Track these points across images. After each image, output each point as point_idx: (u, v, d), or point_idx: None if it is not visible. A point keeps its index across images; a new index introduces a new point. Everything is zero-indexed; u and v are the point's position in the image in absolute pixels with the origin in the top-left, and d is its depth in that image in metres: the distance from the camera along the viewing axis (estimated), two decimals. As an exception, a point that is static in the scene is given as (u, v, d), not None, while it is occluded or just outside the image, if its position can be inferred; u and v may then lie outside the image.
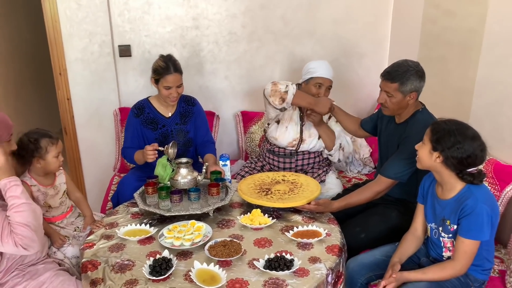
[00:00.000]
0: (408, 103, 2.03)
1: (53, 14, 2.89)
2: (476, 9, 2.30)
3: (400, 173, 2.02)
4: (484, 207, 1.60)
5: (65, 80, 3.02)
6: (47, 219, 2.00)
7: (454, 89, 2.54)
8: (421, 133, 1.86)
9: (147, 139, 2.49)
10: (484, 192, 1.66)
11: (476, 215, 1.60)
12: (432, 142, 1.66)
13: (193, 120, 2.57)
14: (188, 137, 2.56)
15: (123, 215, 2.07)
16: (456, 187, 1.68)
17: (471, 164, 1.62)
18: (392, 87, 2.00)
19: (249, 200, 2.06)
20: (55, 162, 1.97)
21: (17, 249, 1.56)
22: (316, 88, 2.51)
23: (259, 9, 3.10)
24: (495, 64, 2.21)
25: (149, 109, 2.50)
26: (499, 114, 2.19)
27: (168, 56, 2.43)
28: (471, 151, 1.60)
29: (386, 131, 2.22)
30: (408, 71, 1.98)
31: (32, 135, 1.93)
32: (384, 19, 3.26)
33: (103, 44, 2.99)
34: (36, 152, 1.91)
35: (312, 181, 2.23)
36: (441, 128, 1.65)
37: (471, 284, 1.72)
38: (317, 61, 2.59)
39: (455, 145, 1.60)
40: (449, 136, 1.62)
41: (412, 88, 1.98)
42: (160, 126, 2.50)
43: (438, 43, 2.68)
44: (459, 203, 1.65)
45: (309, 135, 2.62)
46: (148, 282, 1.55)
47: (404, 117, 2.10)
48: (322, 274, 1.59)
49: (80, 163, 3.22)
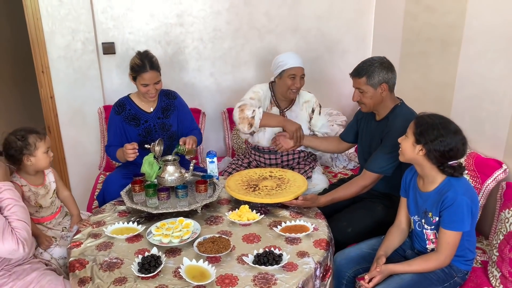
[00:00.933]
0: (382, 95, 2.08)
1: (34, 11, 2.84)
2: (456, 5, 2.35)
3: (385, 167, 2.06)
4: (464, 199, 1.64)
5: (48, 78, 2.98)
6: (35, 220, 1.98)
7: (436, 84, 2.59)
8: (402, 127, 1.91)
9: (130, 136, 2.48)
10: (463, 184, 1.70)
11: (456, 207, 1.65)
12: (415, 135, 1.70)
13: (176, 113, 2.57)
14: (171, 131, 2.55)
15: (110, 213, 2.06)
16: (437, 180, 1.72)
17: (453, 157, 1.66)
18: (361, 82, 2.08)
19: (237, 197, 2.07)
20: (45, 158, 1.93)
21: (16, 246, 1.56)
22: (290, 79, 2.51)
23: (243, 5, 3.11)
24: (475, 58, 2.26)
25: (130, 106, 2.49)
26: (480, 108, 2.24)
27: (145, 53, 2.40)
28: (453, 144, 1.64)
29: (367, 130, 2.26)
30: (373, 64, 2.06)
31: (18, 132, 1.89)
32: (366, 15, 3.30)
33: (87, 42, 2.95)
34: (25, 149, 1.87)
35: (299, 177, 2.25)
36: (425, 122, 1.69)
37: (455, 274, 1.76)
38: (284, 54, 2.58)
39: (438, 138, 1.64)
40: (433, 130, 1.65)
41: (380, 79, 2.05)
42: (143, 121, 2.49)
43: (419, 38, 2.73)
44: (440, 195, 1.70)
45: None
46: (137, 279, 1.55)
47: (384, 113, 2.15)
48: (311, 268, 1.61)
49: (65, 161, 3.18)
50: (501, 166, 2.05)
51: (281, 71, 2.52)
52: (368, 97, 2.09)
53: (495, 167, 2.06)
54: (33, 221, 1.96)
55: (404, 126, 1.89)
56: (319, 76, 3.32)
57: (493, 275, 1.80)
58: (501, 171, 2.04)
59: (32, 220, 1.93)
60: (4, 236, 1.55)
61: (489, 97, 2.18)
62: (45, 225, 2.02)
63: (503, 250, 1.78)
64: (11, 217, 1.63)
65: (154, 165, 2.23)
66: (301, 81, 2.54)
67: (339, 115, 3.34)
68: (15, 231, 1.59)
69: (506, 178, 2.04)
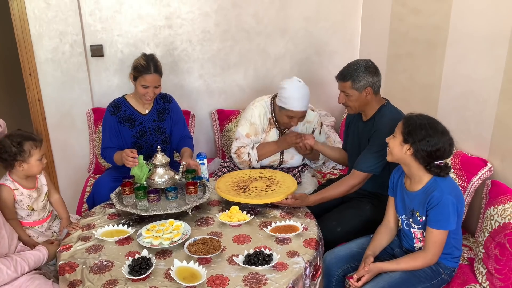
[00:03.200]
0: (367, 98, 2.11)
1: (21, 13, 2.82)
2: (441, 7, 2.39)
3: (373, 166, 2.09)
4: (449, 198, 1.68)
5: (36, 81, 2.96)
6: (26, 224, 1.97)
7: (422, 84, 2.63)
8: (388, 126, 1.95)
9: (124, 137, 2.47)
10: (449, 183, 1.73)
11: (442, 206, 1.68)
12: (403, 134, 1.72)
13: (170, 116, 2.58)
14: (165, 134, 2.56)
15: (99, 216, 2.06)
16: (423, 179, 1.75)
17: (439, 157, 1.69)
18: (347, 86, 2.10)
19: (227, 198, 2.08)
20: (38, 165, 1.92)
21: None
22: (288, 119, 2.45)
23: (232, 7, 3.12)
24: (459, 60, 2.31)
25: (125, 107, 2.49)
26: (465, 108, 2.28)
27: (151, 56, 2.41)
28: (440, 144, 1.67)
29: (356, 131, 2.29)
30: (358, 68, 2.08)
31: (15, 138, 1.87)
32: (354, 17, 3.34)
33: (74, 44, 2.94)
34: (19, 156, 1.86)
35: (288, 177, 2.27)
36: (413, 122, 1.72)
37: (442, 272, 1.79)
38: (291, 90, 2.39)
39: (426, 138, 1.67)
40: (421, 130, 1.68)
41: (365, 83, 2.07)
42: (138, 123, 2.49)
43: (405, 40, 2.77)
44: (426, 194, 1.73)
45: (291, 156, 2.62)
46: (128, 282, 1.55)
47: (370, 113, 2.17)
48: (301, 267, 1.63)
49: (53, 165, 3.16)
50: (486, 164, 2.09)
51: (282, 107, 2.42)
52: (353, 100, 2.12)
53: (480, 166, 2.10)
54: (24, 225, 1.95)
55: (391, 125, 1.92)
56: (307, 77, 3.32)
57: (480, 272, 1.84)
58: (486, 170, 2.08)
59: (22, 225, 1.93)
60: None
61: (474, 97, 2.22)
62: (36, 229, 2.01)
63: (489, 247, 1.82)
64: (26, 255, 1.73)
65: (144, 167, 2.23)
66: (299, 119, 2.48)
67: (328, 116, 3.37)
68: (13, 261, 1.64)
69: (491, 176, 2.08)
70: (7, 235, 1.78)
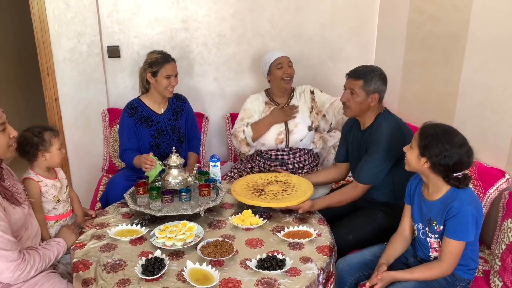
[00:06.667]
0: (370, 104, 2.11)
1: (41, 14, 2.86)
2: (460, 15, 2.37)
3: (372, 177, 2.10)
4: (469, 209, 1.65)
5: (53, 80, 3.00)
6: (53, 218, 1.97)
7: (438, 93, 2.61)
8: (385, 135, 2.00)
9: (142, 137, 2.52)
10: (469, 194, 1.70)
11: (461, 217, 1.65)
12: (420, 147, 1.69)
13: (185, 115, 2.65)
14: (181, 133, 2.62)
15: (113, 215, 2.07)
16: (442, 189, 1.73)
17: (458, 169, 1.66)
18: (357, 84, 2.10)
19: (243, 201, 2.07)
20: (59, 155, 1.96)
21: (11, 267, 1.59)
22: (280, 70, 2.61)
23: (248, 12, 3.13)
24: (478, 68, 2.28)
25: (141, 108, 2.53)
26: (482, 117, 2.26)
27: (160, 50, 2.55)
28: (458, 158, 1.63)
29: (355, 140, 2.28)
30: (373, 71, 2.10)
31: (35, 129, 1.92)
32: (370, 23, 3.33)
33: (92, 45, 2.97)
34: (41, 145, 1.90)
35: (304, 181, 2.26)
36: (429, 134, 1.68)
37: (457, 283, 1.76)
38: (267, 53, 2.75)
39: (443, 152, 1.63)
40: (437, 143, 1.64)
41: (375, 88, 2.08)
42: (154, 123, 2.54)
43: (422, 47, 2.75)
44: (445, 204, 1.70)
45: (295, 125, 2.68)
46: (141, 281, 1.55)
47: (368, 122, 2.17)
48: (314, 273, 1.62)
49: (67, 163, 3.18)
50: (503, 175, 2.06)
51: (269, 66, 2.64)
52: (358, 101, 2.11)
53: (497, 177, 2.06)
54: (49, 219, 1.97)
55: (387, 134, 1.96)
56: (321, 82, 3.33)
57: (495, 285, 1.81)
58: (503, 181, 2.04)
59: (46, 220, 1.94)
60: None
61: (492, 106, 2.19)
62: (61, 222, 2.01)
63: (505, 260, 1.79)
64: (41, 250, 1.73)
65: (158, 166, 2.23)
66: (290, 69, 2.64)
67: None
68: (26, 253, 1.64)
69: (508, 188, 2.04)
70: (35, 226, 1.81)
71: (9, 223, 1.61)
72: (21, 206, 1.72)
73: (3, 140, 1.65)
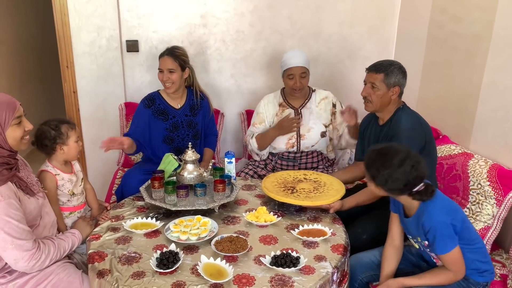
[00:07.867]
0: (391, 98, 2.10)
1: (62, 7, 2.90)
2: (484, 15, 2.32)
3: None
4: (438, 220, 1.61)
5: (72, 73, 3.03)
6: (67, 209, 2.00)
7: (459, 94, 2.56)
8: (405, 130, 1.99)
9: (157, 130, 2.54)
10: (437, 203, 1.64)
11: (435, 231, 1.61)
12: (371, 179, 1.66)
13: (202, 112, 2.65)
14: (197, 129, 2.63)
15: (128, 208, 2.08)
16: (413, 205, 1.69)
17: (414, 185, 1.61)
18: (378, 78, 2.09)
19: (276, 198, 2.06)
20: (76, 148, 1.97)
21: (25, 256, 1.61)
22: (290, 81, 2.56)
23: (267, 8, 3.12)
24: (501, 69, 2.23)
25: (159, 101, 2.56)
26: (504, 120, 2.21)
27: (171, 45, 2.57)
28: (405, 177, 1.57)
29: (373, 136, 2.26)
30: (393, 65, 2.11)
31: (52, 122, 1.93)
32: (390, 22, 3.28)
33: (111, 39, 3.00)
34: (58, 138, 1.92)
35: (334, 180, 2.24)
36: (369, 164, 1.64)
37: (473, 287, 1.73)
38: (286, 53, 2.63)
39: (388, 179, 1.59)
40: (378, 172, 1.60)
41: (396, 81, 2.08)
42: (171, 117, 2.56)
43: (443, 47, 2.70)
44: (418, 220, 1.67)
45: (308, 129, 2.65)
46: (155, 274, 1.56)
47: (387, 117, 2.17)
48: (328, 272, 1.60)
49: (84, 156, 3.22)
50: (524, 179, 2.02)
51: (283, 72, 2.60)
52: (379, 95, 2.10)
53: (518, 180, 2.02)
54: (64, 211, 1.99)
55: (407, 129, 1.94)
56: (339, 81, 3.31)
57: (513, 290, 1.77)
58: (524, 185, 2.00)
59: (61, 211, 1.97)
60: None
61: (514, 109, 2.15)
62: (75, 214, 2.03)
63: (524, 265, 1.75)
64: (56, 240, 1.76)
65: (172, 162, 2.24)
66: (300, 80, 2.55)
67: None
68: (41, 243, 1.67)
69: (529, 192, 2.00)
70: (52, 217, 1.84)
71: (24, 213, 1.63)
72: (35, 196, 1.74)
73: (18, 133, 1.66)
